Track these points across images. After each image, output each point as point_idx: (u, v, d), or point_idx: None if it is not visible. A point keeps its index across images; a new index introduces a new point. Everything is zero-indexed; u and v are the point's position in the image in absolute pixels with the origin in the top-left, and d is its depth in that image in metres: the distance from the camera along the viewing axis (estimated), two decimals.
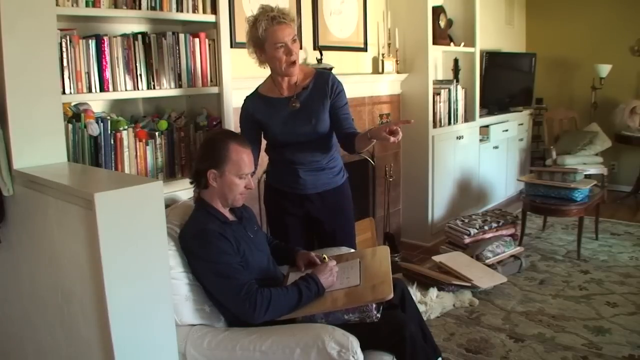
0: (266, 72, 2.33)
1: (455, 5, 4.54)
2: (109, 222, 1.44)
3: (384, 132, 1.99)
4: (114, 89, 2.17)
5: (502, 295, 3.18)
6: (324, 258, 2.00)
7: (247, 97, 2.34)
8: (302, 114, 2.23)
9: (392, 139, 1.96)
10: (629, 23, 5.36)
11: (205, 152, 1.90)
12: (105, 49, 2.13)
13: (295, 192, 2.33)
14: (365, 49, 3.92)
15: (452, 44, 4.44)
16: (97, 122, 2.11)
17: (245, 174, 1.87)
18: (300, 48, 2.56)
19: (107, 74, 2.14)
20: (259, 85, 2.36)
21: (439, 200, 4.26)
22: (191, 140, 2.46)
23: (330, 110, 2.26)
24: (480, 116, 4.74)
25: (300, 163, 2.28)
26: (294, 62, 2.16)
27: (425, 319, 2.46)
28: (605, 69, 5.29)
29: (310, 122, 2.23)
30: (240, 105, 2.35)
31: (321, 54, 3.40)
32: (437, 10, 4.16)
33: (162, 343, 1.61)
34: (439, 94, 4.16)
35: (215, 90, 2.51)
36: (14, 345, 2.08)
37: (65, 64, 2.00)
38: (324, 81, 2.26)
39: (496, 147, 4.97)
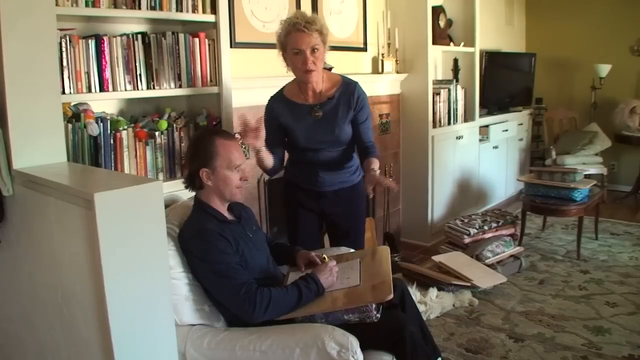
0: (266, 72, 2.33)
1: (455, 5, 4.54)
2: (109, 222, 1.44)
3: (369, 183, 2.14)
4: (114, 89, 2.17)
5: (501, 295, 3.18)
6: (324, 258, 2.00)
7: (272, 97, 2.36)
8: (325, 124, 2.28)
9: (370, 191, 2.16)
10: (629, 23, 5.36)
11: (193, 152, 1.91)
12: (105, 49, 2.13)
13: (312, 189, 2.38)
14: (365, 49, 3.92)
15: (451, 43, 4.44)
16: (97, 122, 2.11)
17: (237, 165, 1.88)
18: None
19: (107, 74, 2.14)
20: (285, 86, 2.37)
21: (439, 200, 4.26)
22: None
23: (352, 122, 2.31)
24: (480, 116, 4.74)
25: (320, 164, 2.34)
26: (309, 71, 2.18)
27: (425, 319, 2.46)
28: (605, 69, 5.29)
29: (333, 132, 2.28)
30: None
31: None
32: (437, 10, 4.16)
33: (162, 343, 1.61)
34: (438, 93, 4.16)
35: (215, 90, 2.51)
36: (14, 345, 2.07)
37: (65, 64, 2.00)
38: (349, 93, 2.29)
39: (496, 147, 4.97)
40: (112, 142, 2.16)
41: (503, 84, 5.23)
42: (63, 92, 1.99)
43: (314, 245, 2.42)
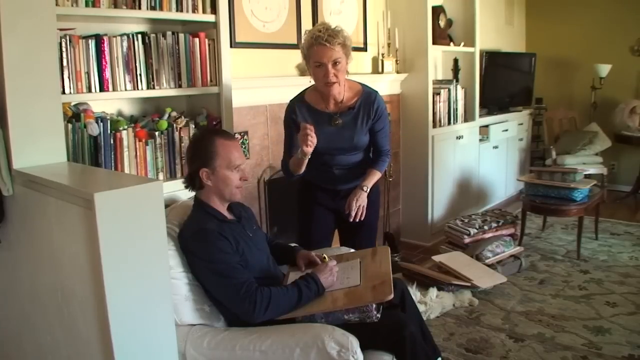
0: (266, 72, 2.33)
1: (455, 5, 4.54)
2: (109, 222, 1.44)
3: (347, 207, 2.29)
4: (114, 89, 2.18)
5: (501, 295, 3.18)
6: (324, 258, 2.00)
7: (293, 100, 2.37)
8: (344, 132, 2.31)
9: (346, 209, 2.28)
10: (628, 23, 5.36)
11: (193, 152, 1.91)
12: (105, 49, 2.13)
13: (328, 187, 2.42)
14: (365, 49, 3.92)
15: (452, 43, 4.44)
16: (97, 122, 2.11)
17: (237, 165, 1.88)
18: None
19: (107, 74, 2.14)
20: (306, 91, 2.38)
21: (439, 200, 4.26)
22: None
23: (369, 130, 2.35)
24: (480, 116, 4.74)
25: (336, 165, 2.37)
26: (330, 84, 2.20)
27: (425, 318, 2.47)
28: (605, 69, 5.29)
29: (351, 141, 2.32)
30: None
31: None
32: (437, 10, 4.16)
33: (162, 343, 1.61)
34: (438, 93, 4.16)
35: (215, 90, 2.51)
36: (13, 345, 2.08)
37: (65, 64, 2.00)
38: (369, 103, 2.32)
39: (496, 147, 4.97)
40: (112, 142, 2.16)
41: (503, 84, 5.23)
42: (63, 92, 1.99)
43: (325, 242, 2.45)
